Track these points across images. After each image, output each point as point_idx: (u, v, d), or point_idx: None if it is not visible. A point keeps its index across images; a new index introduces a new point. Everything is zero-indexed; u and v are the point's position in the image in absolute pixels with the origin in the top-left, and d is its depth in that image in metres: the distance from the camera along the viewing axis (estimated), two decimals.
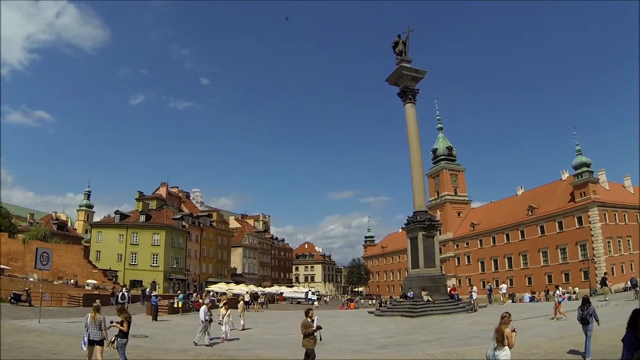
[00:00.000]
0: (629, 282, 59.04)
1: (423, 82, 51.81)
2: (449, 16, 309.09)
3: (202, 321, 21.64)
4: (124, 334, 13.71)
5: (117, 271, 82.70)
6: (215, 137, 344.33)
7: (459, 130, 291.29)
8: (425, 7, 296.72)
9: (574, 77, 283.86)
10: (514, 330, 11.12)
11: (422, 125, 52.60)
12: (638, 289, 44.84)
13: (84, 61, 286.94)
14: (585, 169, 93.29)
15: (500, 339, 10.90)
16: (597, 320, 17.09)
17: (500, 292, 59.62)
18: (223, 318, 24.30)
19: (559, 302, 29.33)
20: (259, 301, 62.64)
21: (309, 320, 14.29)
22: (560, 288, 36.85)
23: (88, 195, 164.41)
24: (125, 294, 48.69)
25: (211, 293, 69.41)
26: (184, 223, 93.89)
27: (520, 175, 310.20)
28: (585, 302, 17.82)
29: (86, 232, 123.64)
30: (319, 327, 14.28)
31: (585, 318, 17.12)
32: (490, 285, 66.38)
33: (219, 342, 22.42)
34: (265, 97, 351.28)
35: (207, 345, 20.95)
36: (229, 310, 24.16)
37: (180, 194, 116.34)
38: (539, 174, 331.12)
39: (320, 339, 14.83)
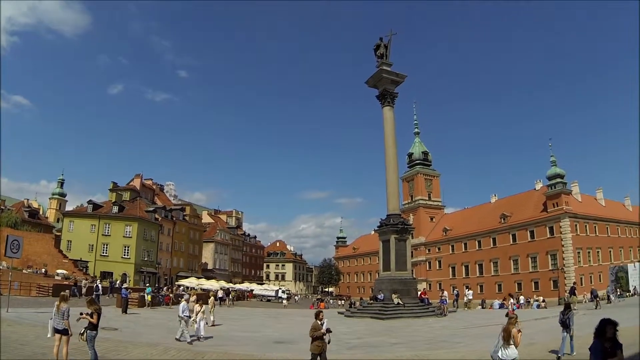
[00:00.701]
0: (589, 293, 61.16)
1: (402, 86, 51.93)
2: (431, 22, 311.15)
3: (181, 317, 21.24)
4: (93, 326, 13.37)
5: (87, 262, 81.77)
6: (191, 131, 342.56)
7: (435, 135, 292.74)
8: (409, 13, 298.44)
9: (552, 88, 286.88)
10: (519, 331, 11.89)
11: (399, 129, 53.04)
12: (599, 299, 46.14)
13: (65, 47, 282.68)
14: (559, 180, 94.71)
15: (507, 338, 11.58)
16: (572, 325, 19.01)
17: (466, 297, 60.17)
18: (197, 315, 23.62)
19: (512, 310, 29.83)
20: (229, 297, 62.55)
21: (319, 323, 14.13)
22: (513, 296, 37.50)
23: (61, 184, 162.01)
24: (99, 285, 48.44)
25: (181, 287, 69.17)
26: (156, 216, 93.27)
27: (495, 183, 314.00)
28: (567, 307, 20.32)
29: (58, 221, 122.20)
30: (328, 330, 14.16)
31: (565, 322, 19.09)
32: (457, 291, 66.97)
33: (195, 340, 21.92)
34: (243, 94, 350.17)
35: (188, 343, 20.47)
36: (204, 306, 23.56)
37: (154, 187, 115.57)
38: (513, 183, 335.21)
39: (329, 342, 14.65)
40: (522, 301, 65.21)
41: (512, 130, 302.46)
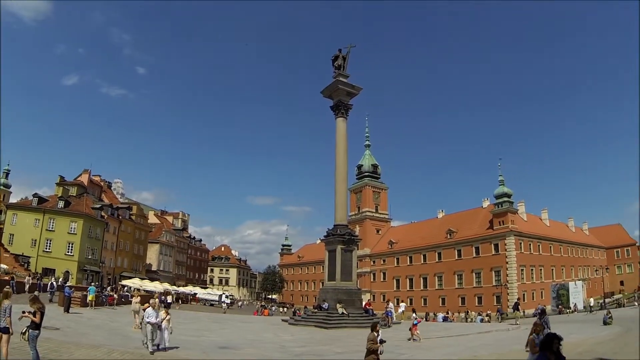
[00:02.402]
0: (537, 309, 62.84)
1: (357, 99, 52.47)
2: (389, 37, 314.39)
3: (148, 323, 19.22)
4: (36, 325, 13.03)
5: (29, 257, 79.12)
6: (143, 129, 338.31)
7: (385, 149, 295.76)
8: (368, 27, 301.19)
9: (505, 109, 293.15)
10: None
11: (350, 140, 53.27)
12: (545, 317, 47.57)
13: (23, 33, 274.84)
14: (506, 199, 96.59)
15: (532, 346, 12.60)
16: (549, 328, 21.46)
17: (399, 310, 60.94)
18: (162, 322, 21.28)
19: (414, 325, 30.44)
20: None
21: (375, 335, 14.04)
22: (415, 312, 38.29)
23: (7, 174, 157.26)
24: (54, 283, 47.38)
25: (125, 288, 68.16)
26: (103, 213, 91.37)
27: (442, 199, 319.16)
28: (542, 313, 23.97)
29: (0, 213, 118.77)
30: (382, 341, 14.15)
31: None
32: (391, 304, 67.66)
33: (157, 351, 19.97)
34: (198, 96, 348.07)
35: (150, 353, 18.86)
36: (169, 314, 21.24)
37: (102, 183, 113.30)
38: (461, 200, 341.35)
39: (382, 352, 14.59)
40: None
41: (462, 149, 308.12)
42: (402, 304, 63.71)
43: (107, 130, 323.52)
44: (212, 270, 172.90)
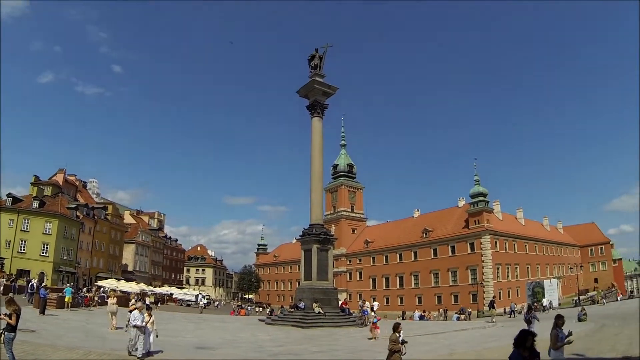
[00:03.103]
0: (509, 307, 64.06)
1: (332, 98, 52.69)
2: (365, 37, 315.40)
3: (134, 326, 18.69)
4: (12, 328, 12.94)
5: (4, 258, 77.88)
6: (119, 128, 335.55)
7: (361, 149, 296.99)
8: (345, 26, 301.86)
9: (481, 110, 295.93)
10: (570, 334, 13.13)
11: (326, 140, 53.43)
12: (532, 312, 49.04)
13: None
14: (481, 198, 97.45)
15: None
16: (537, 320, 24.83)
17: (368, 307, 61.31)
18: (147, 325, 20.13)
19: (374, 323, 30.88)
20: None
21: (397, 335, 14.26)
22: (375, 311, 38.73)
23: None
24: (34, 284, 46.96)
25: (102, 289, 67.63)
26: (78, 213, 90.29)
27: (418, 199, 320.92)
28: (530, 308, 27.75)
29: None
30: (404, 342, 14.33)
31: (529, 319, 24.80)
32: (367, 303, 67.95)
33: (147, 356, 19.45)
34: (174, 96, 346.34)
35: (138, 358, 18.32)
36: (153, 317, 20.29)
37: (77, 183, 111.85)
38: (437, 199, 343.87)
39: (405, 353, 14.78)
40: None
41: (438, 148, 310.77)
42: (375, 303, 63.83)
43: (82, 129, 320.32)
44: (188, 271, 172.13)
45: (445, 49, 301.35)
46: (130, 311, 20.61)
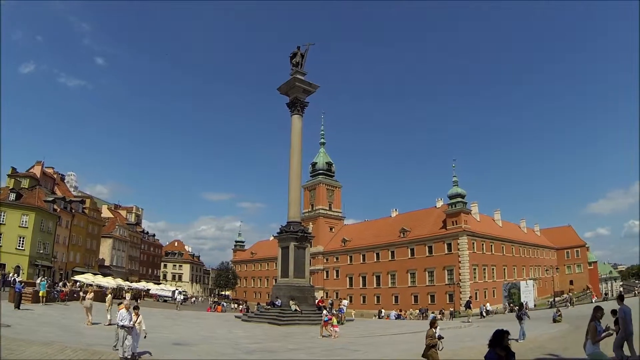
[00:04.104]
0: (478, 309, 65.09)
1: (313, 96, 53.00)
2: (345, 37, 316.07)
3: (122, 327, 17.50)
4: None
5: None
6: (99, 121, 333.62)
7: (340, 147, 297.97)
8: (326, 25, 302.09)
9: (459, 113, 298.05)
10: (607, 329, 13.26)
11: (305, 138, 53.68)
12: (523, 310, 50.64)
13: None
14: (459, 199, 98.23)
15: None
16: (528, 317, 28.14)
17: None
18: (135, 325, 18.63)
19: (325, 321, 31.24)
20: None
21: (434, 331, 14.42)
22: (326, 310, 39.00)
23: None
24: (16, 278, 46.60)
25: (78, 283, 67.24)
26: (55, 207, 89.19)
27: (396, 198, 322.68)
28: (521, 306, 29.87)
29: None
30: (440, 337, 14.47)
31: (520, 316, 27.00)
32: (331, 300, 68.19)
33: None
34: (155, 91, 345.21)
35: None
36: (141, 316, 18.78)
37: (55, 175, 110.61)
38: (415, 200, 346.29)
39: (441, 349, 14.92)
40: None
41: (417, 149, 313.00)
42: (344, 301, 64.14)
43: (62, 121, 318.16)
44: (165, 266, 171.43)
45: (427, 50, 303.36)
46: (118, 310, 19.08)
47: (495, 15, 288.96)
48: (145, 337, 18.72)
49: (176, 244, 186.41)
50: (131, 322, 17.65)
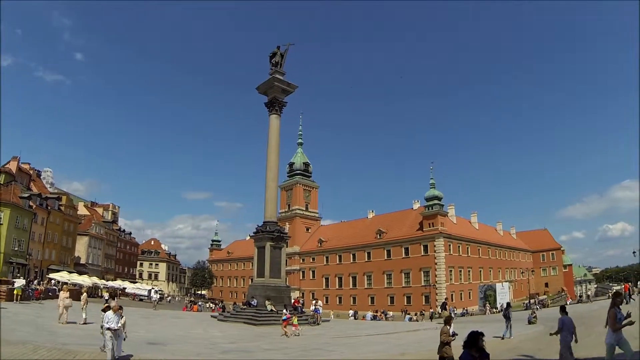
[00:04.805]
0: (463, 310, 65.94)
1: (292, 96, 53.19)
2: (325, 38, 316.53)
3: (108, 329, 16.61)
4: None
5: None
6: (77, 117, 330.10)
7: (318, 148, 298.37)
8: (305, 25, 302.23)
9: (437, 115, 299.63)
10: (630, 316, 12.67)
11: (283, 138, 54.05)
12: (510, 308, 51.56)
13: None
14: (436, 202, 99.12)
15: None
16: (510, 319, 27.88)
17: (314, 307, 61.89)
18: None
19: (284, 320, 31.69)
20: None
21: (449, 328, 14.70)
22: (285, 309, 39.17)
23: None
24: None
25: (53, 282, 66.78)
26: (31, 203, 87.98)
27: (373, 200, 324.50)
28: (508, 305, 30.00)
29: None
30: (454, 334, 14.75)
31: (507, 315, 27.75)
32: (302, 300, 68.40)
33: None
34: (134, 88, 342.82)
35: None
36: (124, 318, 18.36)
37: (31, 172, 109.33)
38: (391, 201, 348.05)
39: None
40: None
41: (394, 151, 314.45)
42: (318, 302, 64.31)
43: (39, 116, 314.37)
44: (141, 265, 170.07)
45: (404, 51, 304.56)
46: (104, 310, 18.70)
47: (472, 15, 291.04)
48: (125, 339, 18.32)
49: (153, 243, 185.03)
50: (119, 325, 17.07)
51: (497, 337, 26.08)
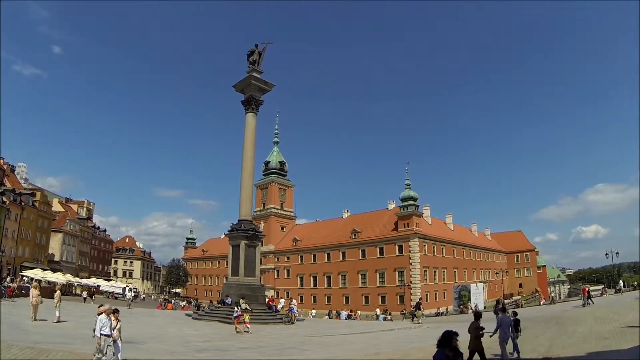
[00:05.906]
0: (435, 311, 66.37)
1: (268, 94, 53.27)
2: (302, 37, 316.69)
3: (102, 335, 15.21)
4: None
5: None
6: (53, 111, 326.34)
7: (294, 147, 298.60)
8: (283, 22, 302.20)
9: (413, 116, 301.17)
10: None
11: (259, 136, 54.09)
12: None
13: None
14: (411, 202, 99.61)
15: None
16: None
17: (280, 305, 62.09)
18: (114, 331, 16.37)
19: (236, 317, 32.11)
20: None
21: (478, 323, 15.57)
22: (237, 306, 39.14)
23: None
24: None
25: (26, 279, 66.22)
26: (4, 199, 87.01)
27: (348, 200, 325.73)
28: (498, 302, 33.55)
29: None
30: (482, 328, 15.38)
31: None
32: (294, 301, 68.71)
33: None
34: (110, 83, 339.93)
35: None
36: (119, 322, 16.92)
37: (5, 167, 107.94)
38: (367, 201, 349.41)
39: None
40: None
41: (370, 152, 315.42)
42: (294, 301, 64.53)
43: (15, 110, 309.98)
44: (116, 262, 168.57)
45: (381, 52, 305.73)
46: (98, 314, 16.28)
47: (450, 16, 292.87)
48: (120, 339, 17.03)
49: (127, 240, 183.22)
50: (113, 330, 15.83)
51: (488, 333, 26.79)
